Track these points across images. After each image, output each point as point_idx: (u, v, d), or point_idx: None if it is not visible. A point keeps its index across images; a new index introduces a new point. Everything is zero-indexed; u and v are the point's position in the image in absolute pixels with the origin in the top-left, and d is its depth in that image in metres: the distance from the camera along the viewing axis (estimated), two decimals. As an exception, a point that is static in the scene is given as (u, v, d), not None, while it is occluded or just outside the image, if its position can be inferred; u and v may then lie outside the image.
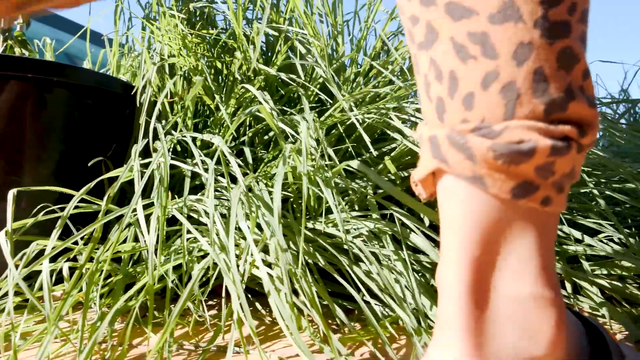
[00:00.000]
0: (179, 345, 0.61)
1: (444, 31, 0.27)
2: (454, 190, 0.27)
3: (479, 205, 0.26)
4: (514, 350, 0.27)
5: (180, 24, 0.83)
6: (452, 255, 0.28)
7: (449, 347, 0.27)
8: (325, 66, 0.71)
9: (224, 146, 0.66)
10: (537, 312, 0.27)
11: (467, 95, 0.26)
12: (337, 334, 0.63)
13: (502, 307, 0.27)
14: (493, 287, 0.27)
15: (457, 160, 0.26)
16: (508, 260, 0.27)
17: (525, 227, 0.27)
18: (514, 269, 0.27)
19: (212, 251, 0.57)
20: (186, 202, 0.68)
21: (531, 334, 0.27)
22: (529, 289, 0.27)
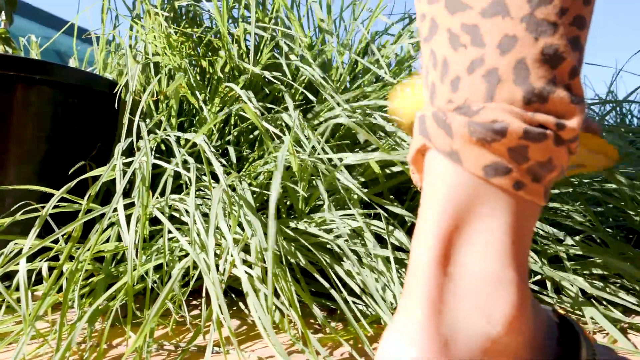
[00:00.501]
0: (159, 345, 0.61)
1: (442, 24, 0.29)
2: (434, 165, 0.29)
3: (454, 180, 0.28)
4: (470, 326, 0.27)
5: (165, 22, 0.83)
6: (426, 227, 0.29)
7: (411, 314, 0.28)
8: (310, 64, 0.71)
9: (205, 145, 0.66)
10: (498, 293, 0.27)
11: (454, 79, 0.28)
12: (319, 333, 0.63)
13: (466, 282, 0.28)
14: (460, 261, 0.28)
15: (437, 136, 0.28)
16: (477, 238, 0.28)
17: (497, 208, 0.27)
18: (482, 247, 0.28)
19: (191, 251, 0.57)
20: (168, 201, 0.68)
21: (489, 312, 0.27)
22: (493, 269, 0.27)
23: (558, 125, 0.27)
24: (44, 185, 0.81)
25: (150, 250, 0.69)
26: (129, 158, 0.75)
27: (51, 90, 0.87)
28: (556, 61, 0.27)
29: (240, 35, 0.81)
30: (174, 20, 0.93)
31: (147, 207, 0.66)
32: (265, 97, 0.86)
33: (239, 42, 0.82)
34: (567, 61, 0.27)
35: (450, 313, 0.27)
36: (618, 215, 0.90)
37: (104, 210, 0.65)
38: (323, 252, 0.66)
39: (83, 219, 0.64)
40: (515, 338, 0.28)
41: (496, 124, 0.26)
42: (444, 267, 0.28)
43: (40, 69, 0.84)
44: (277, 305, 0.56)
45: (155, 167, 0.81)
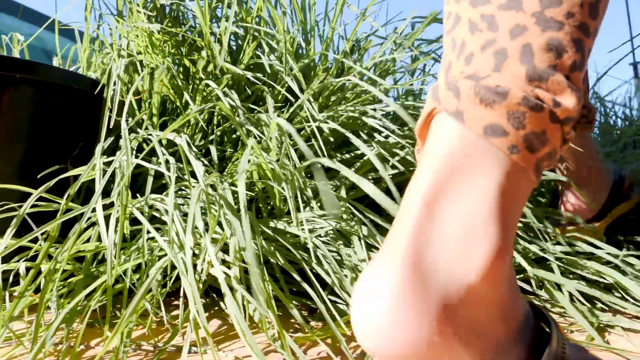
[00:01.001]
0: (137, 345, 0.61)
1: (464, 16, 0.33)
2: (440, 124, 0.31)
3: (455, 136, 0.30)
4: (449, 268, 0.28)
5: (147, 21, 0.82)
6: (421, 175, 0.30)
7: (395, 243, 0.29)
8: (289, 64, 0.71)
9: (185, 144, 0.66)
10: (478, 242, 0.29)
11: (468, 55, 0.32)
12: (300, 332, 0.63)
13: (450, 226, 0.29)
14: (448, 207, 0.29)
15: (446, 97, 0.31)
16: (468, 189, 0.29)
17: (491, 167, 0.29)
18: (471, 198, 0.29)
19: (169, 251, 0.57)
20: (148, 201, 0.68)
21: (467, 258, 0.28)
22: (478, 219, 0.29)
23: (554, 102, 0.29)
24: (25, 184, 0.80)
25: (130, 250, 0.69)
26: (111, 157, 0.74)
27: (32, 89, 0.86)
28: (559, 52, 0.30)
29: (222, 35, 0.81)
30: (157, 19, 0.92)
31: (127, 207, 0.65)
32: (249, 97, 0.86)
33: (221, 42, 0.82)
34: (568, 55, 0.30)
35: (432, 251, 0.29)
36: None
37: (82, 210, 0.65)
38: (304, 251, 0.66)
39: (61, 218, 0.63)
40: (491, 290, 0.29)
41: (499, 88, 0.29)
42: (432, 208, 0.29)
43: (21, 67, 0.84)
44: (256, 305, 0.56)
45: (138, 167, 0.81)
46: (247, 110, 0.80)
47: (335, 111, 0.72)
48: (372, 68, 0.84)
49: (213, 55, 0.82)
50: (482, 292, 0.28)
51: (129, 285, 0.64)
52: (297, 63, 0.77)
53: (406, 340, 0.27)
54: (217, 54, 0.81)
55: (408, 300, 0.28)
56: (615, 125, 1.71)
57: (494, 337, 0.30)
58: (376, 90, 0.58)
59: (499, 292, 0.30)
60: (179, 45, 0.89)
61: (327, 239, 0.67)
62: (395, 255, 0.29)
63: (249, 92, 0.84)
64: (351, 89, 0.81)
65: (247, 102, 0.85)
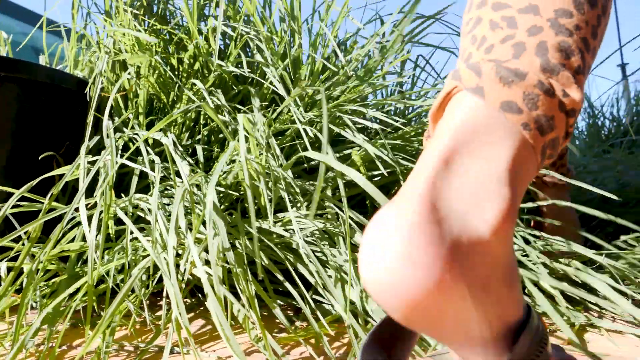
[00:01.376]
0: (119, 346, 0.60)
1: (486, 17, 0.37)
2: (459, 101, 0.34)
3: (475, 109, 0.33)
4: (463, 217, 0.30)
5: (134, 19, 0.82)
6: (438, 140, 0.32)
7: (412, 185, 0.30)
8: (273, 64, 0.71)
9: (170, 144, 0.65)
10: (492, 199, 0.30)
11: (488, 47, 0.36)
12: (284, 333, 0.63)
13: (465, 181, 0.31)
14: (463, 165, 0.31)
15: (468, 77, 0.34)
16: (482, 154, 0.32)
17: (505, 139, 0.32)
18: (484, 163, 0.31)
19: (152, 251, 0.56)
20: (132, 200, 0.67)
21: (481, 211, 0.30)
22: (491, 180, 0.31)
23: (563, 93, 0.33)
24: (10, 184, 0.79)
25: (114, 250, 0.68)
26: (96, 157, 0.74)
27: (17, 88, 0.85)
28: (568, 54, 0.34)
29: (209, 33, 0.81)
30: (144, 18, 0.92)
31: (110, 207, 0.65)
32: (236, 96, 0.86)
33: (208, 40, 0.81)
34: (575, 58, 0.35)
35: (447, 202, 0.30)
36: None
37: (65, 209, 0.64)
38: (288, 252, 0.66)
39: (43, 218, 0.63)
40: (499, 247, 0.30)
41: (517, 70, 0.33)
42: (448, 164, 0.31)
43: (8, 66, 0.83)
44: (238, 305, 0.56)
45: (125, 166, 0.80)
46: (233, 110, 0.80)
47: (320, 111, 0.72)
48: (356, 69, 0.84)
49: (200, 54, 0.82)
50: (491, 246, 0.30)
51: (113, 285, 0.64)
52: (283, 62, 0.77)
53: (416, 279, 0.27)
54: (205, 52, 0.81)
55: (421, 241, 0.28)
56: (603, 125, 1.72)
57: (497, 296, 0.31)
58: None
59: (505, 253, 0.31)
60: (166, 44, 0.88)
61: (313, 239, 0.67)
62: (410, 201, 0.29)
63: (236, 91, 0.83)
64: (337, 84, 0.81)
65: (234, 102, 0.85)
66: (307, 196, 0.78)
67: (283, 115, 0.75)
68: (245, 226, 0.66)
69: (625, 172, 1.15)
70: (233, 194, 0.71)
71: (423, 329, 0.30)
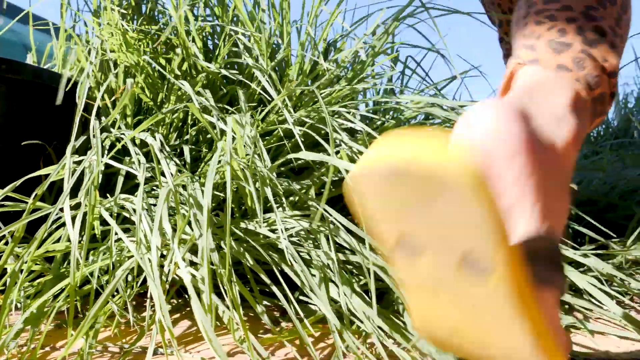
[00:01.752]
0: (103, 347, 0.60)
1: (532, 20, 0.45)
2: (523, 71, 0.42)
3: (536, 73, 0.41)
4: (541, 126, 0.36)
5: (121, 19, 0.81)
6: (510, 94, 0.40)
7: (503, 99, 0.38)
8: (262, 64, 0.71)
9: (156, 144, 0.65)
10: (564, 124, 0.37)
11: (538, 35, 0.43)
12: (269, 333, 0.63)
13: (543, 107, 0.37)
14: (533, 103, 0.37)
15: (525, 54, 0.43)
16: (549, 98, 0.38)
17: (563, 90, 0.39)
18: (553, 101, 0.38)
19: (135, 252, 0.56)
20: (117, 201, 0.67)
21: (557, 128, 0.37)
22: (562, 112, 0.38)
23: (603, 58, 0.41)
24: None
25: (99, 250, 0.68)
26: (82, 157, 0.74)
27: (5, 87, 0.85)
28: (602, 34, 0.42)
29: (196, 34, 0.81)
30: (133, 17, 0.91)
31: (95, 207, 0.65)
32: (224, 96, 0.86)
33: (195, 40, 0.81)
34: (609, 37, 0.42)
35: (530, 110, 0.36)
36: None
37: (50, 209, 0.64)
38: (275, 252, 0.66)
39: (27, 218, 0.62)
40: (565, 159, 0.36)
41: (566, 42, 0.41)
42: (529, 94, 0.39)
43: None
44: (223, 307, 0.56)
45: (112, 166, 0.80)
46: (220, 110, 0.80)
47: (308, 111, 0.72)
48: (345, 70, 0.84)
49: (188, 54, 0.82)
50: (559, 156, 0.36)
51: (97, 286, 0.63)
52: (271, 62, 0.77)
53: (505, 132, 0.33)
54: (194, 51, 0.80)
55: (511, 117, 0.34)
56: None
57: (553, 194, 0.36)
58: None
59: (568, 167, 0.37)
60: (154, 44, 0.88)
61: (298, 239, 0.67)
62: (502, 99, 0.36)
63: (224, 92, 0.83)
64: (326, 86, 0.82)
65: (222, 102, 0.85)
66: (291, 197, 0.78)
67: (270, 116, 0.75)
68: (232, 227, 0.66)
69: (612, 174, 1.16)
70: (219, 195, 0.70)
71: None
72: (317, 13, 0.81)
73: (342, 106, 0.79)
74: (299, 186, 0.75)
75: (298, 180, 0.81)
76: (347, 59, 0.77)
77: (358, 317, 0.59)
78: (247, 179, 0.58)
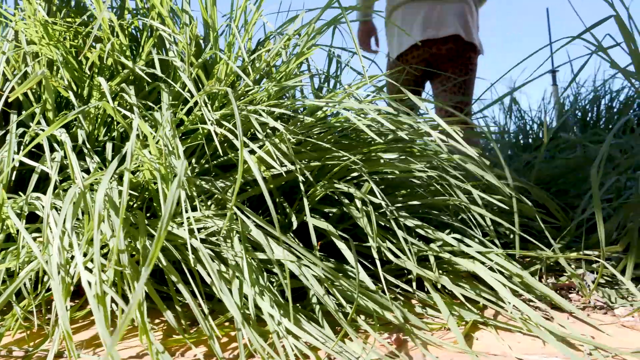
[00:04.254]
0: (8, 351, 0.58)
1: None
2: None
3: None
4: None
5: (42, 10, 0.78)
6: None
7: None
8: (184, 62, 0.70)
9: (69, 142, 0.64)
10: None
11: None
12: (186, 334, 0.63)
13: None
14: None
15: None
16: None
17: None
18: None
19: (38, 252, 0.55)
20: (28, 200, 0.65)
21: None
22: None
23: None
24: None
25: (8, 251, 0.66)
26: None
27: None
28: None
29: (117, 28, 0.79)
30: (59, 8, 0.88)
31: (3, 206, 0.62)
32: (152, 92, 0.84)
33: (119, 35, 0.79)
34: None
35: None
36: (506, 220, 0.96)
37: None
38: (191, 252, 0.65)
39: None
40: None
41: None
42: None
43: None
44: (126, 309, 0.55)
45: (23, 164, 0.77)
46: (146, 107, 0.78)
47: (230, 110, 0.71)
48: (269, 70, 0.84)
49: (113, 49, 0.80)
50: None
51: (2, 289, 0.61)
52: (197, 61, 0.76)
53: None
54: (118, 48, 0.78)
55: None
56: (532, 129, 1.80)
57: None
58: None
59: None
60: (82, 37, 0.85)
61: (217, 238, 0.67)
62: None
63: (150, 88, 0.82)
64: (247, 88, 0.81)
65: (149, 99, 0.83)
66: (210, 195, 0.77)
67: (193, 115, 0.74)
68: (148, 227, 0.65)
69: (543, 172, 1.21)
70: (133, 193, 0.69)
71: None
72: (244, 8, 0.80)
73: (270, 105, 0.79)
74: (223, 184, 0.75)
75: (227, 177, 0.80)
76: (271, 58, 0.77)
77: (273, 316, 0.60)
78: (157, 179, 0.58)
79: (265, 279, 0.63)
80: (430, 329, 0.65)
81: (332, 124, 0.78)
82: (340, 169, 0.80)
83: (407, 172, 0.83)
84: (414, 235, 0.83)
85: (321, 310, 0.64)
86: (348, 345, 0.57)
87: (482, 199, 1.01)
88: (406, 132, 0.83)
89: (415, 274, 0.72)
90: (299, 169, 0.67)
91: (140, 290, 0.43)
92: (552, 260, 0.93)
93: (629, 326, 0.66)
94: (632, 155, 1.14)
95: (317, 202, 0.86)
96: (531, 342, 0.62)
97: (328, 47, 0.86)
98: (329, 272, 0.65)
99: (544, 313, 0.71)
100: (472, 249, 0.76)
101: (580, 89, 1.84)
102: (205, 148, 0.67)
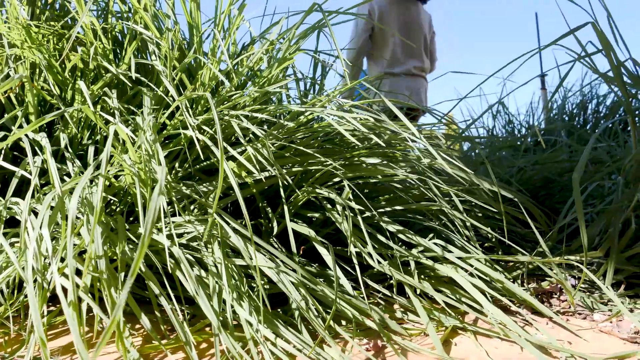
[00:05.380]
0: (-17, 357, 0.58)
1: None
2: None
3: None
4: None
5: (25, 14, 0.78)
6: None
7: None
8: (165, 67, 0.70)
9: (48, 147, 0.63)
10: None
11: None
12: (165, 340, 0.63)
13: None
14: None
15: None
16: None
17: None
18: None
19: (14, 257, 0.54)
20: (7, 204, 0.65)
21: None
22: None
23: None
24: None
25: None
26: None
27: None
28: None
29: (101, 32, 0.79)
30: (42, 11, 0.88)
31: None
32: (135, 96, 0.84)
33: (102, 39, 0.79)
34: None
35: None
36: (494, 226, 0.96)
37: None
38: (170, 257, 0.65)
39: None
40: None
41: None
42: None
43: None
44: (103, 316, 0.55)
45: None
46: (128, 112, 0.78)
47: (211, 115, 0.71)
48: (252, 75, 0.84)
49: (96, 52, 0.79)
50: None
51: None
52: (180, 65, 0.76)
53: None
54: (101, 51, 0.78)
55: None
56: (519, 132, 1.81)
57: None
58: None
59: None
60: (59, 40, 0.85)
61: (197, 244, 0.67)
62: None
63: (133, 92, 0.82)
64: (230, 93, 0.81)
65: (132, 103, 0.83)
66: (193, 200, 0.77)
67: (175, 119, 0.74)
68: (128, 233, 0.65)
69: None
70: (113, 199, 0.69)
71: None
72: (228, 12, 0.80)
73: (254, 110, 0.79)
74: (205, 189, 0.75)
75: (211, 181, 0.80)
76: (254, 63, 0.77)
77: (251, 323, 0.60)
78: (136, 184, 0.58)
79: (245, 284, 0.63)
80: (409, 335, 0.65)
81: (316, 129, 0.78)
82: (322, 174, 0.80)
83: (389, 176, 0.83)
84: (397, 241, 0.84)
85: (300, 315, 0.64)
86: (326, 351, 0.57)
87: (466, 202, 1.02)
88: (385, 139, 0.83)
89: (396, 279, 0.73)
90: (281, 174, 0.67)
91: (121, 304, 0.43)
92: (534, 265, 0.94)
93: (606, 332, 0.67)
94: (618, 159, 1.15)
95: (301, 207, 0.86)
96: (509, 347, 0.62)
97: (312, 51, 0.86)
98: (307, 278, 0.65)
99: (523, 318, 0.71)
100: (453, 255, 0.76)
101: (568, 93, 1.86)
102: (187, 153, 0.67)
